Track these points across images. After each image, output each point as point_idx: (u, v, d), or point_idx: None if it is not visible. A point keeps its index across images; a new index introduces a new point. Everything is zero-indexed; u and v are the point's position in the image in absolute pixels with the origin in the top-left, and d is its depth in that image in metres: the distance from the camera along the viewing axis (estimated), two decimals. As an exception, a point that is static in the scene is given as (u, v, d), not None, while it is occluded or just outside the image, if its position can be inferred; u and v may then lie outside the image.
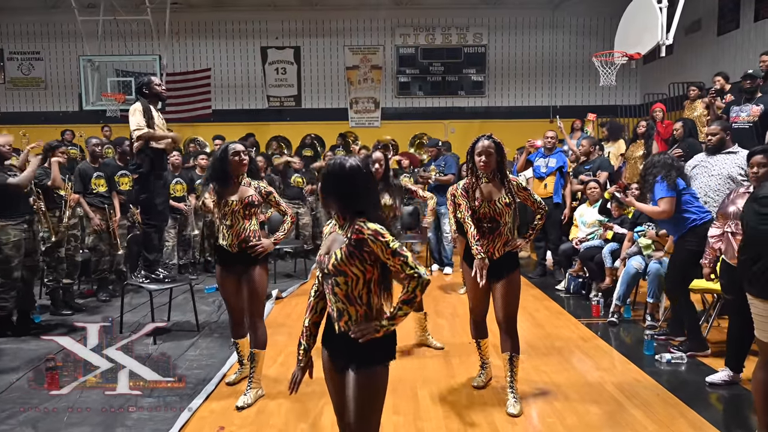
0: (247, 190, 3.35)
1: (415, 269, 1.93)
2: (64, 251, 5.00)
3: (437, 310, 5.38)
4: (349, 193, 2.01)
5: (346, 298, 2.01)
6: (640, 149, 6.58)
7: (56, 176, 4.76)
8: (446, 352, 4.22)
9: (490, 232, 3.25)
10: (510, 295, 3.26)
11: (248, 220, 3.35)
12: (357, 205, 2.01)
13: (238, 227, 3.32)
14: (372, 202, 2.05)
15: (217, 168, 3.33)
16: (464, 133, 11.00)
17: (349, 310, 2.01)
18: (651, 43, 6.11)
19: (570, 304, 5.57)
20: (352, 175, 2.01)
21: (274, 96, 11.98)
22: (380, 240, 1.93)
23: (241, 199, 3.30)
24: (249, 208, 3.33)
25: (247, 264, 3.33)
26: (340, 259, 1.97)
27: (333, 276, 2.00)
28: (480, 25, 11.74)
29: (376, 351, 2.00)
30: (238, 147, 3.32)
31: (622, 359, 4.02)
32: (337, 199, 2.03)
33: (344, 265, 1.97)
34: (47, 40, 11.77)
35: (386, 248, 1.93)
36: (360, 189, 2.02)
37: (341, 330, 2.03)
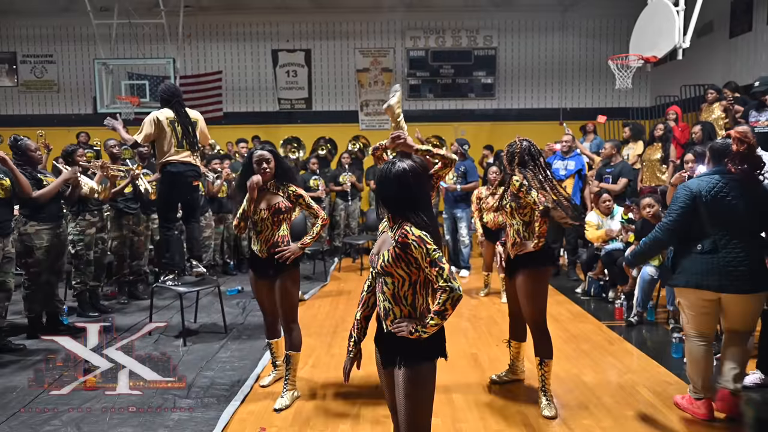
0: (275, 197, 3.33)
1: (448, 282, 1.97)
2: (92, 254, 5.05)
3: (459, 312, 5.42)
4: (396, 197, 2.08)
5: (392, 298, 2.09)
6: (657, 152, 6.62)
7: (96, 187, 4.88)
8: (474, 354, 4.26)
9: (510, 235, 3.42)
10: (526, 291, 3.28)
11: (277, 226, 3.34)
12: (404, 208, 2.07)
13: (267, 234, 3.33)
14: (420, 207, 2.08)
15: (244, 175, 3.33)
16: (474, 135, 10.99)
17: (394, 309, 2.09)
18: (667, 47, 6.15)
19: (591, 306, 5.60)
20: (399, 179, 2.08)
21: (285, 99, 12.00)
22: (422, 247, 1.99)
23: (269, 206, 3.30)
24: (277, 215, 3.32)
25: (278, 269, 3.33)
26: (387, 260, 2.05)
27: (382, 276, 2.09)
28: (490, 28, 11.75)
29: (422, 347, 2.05)
30: (263, 155, 3.29)
31: (650, 362, 4.05)
32: (386, 201, 2.12)
33: (391, 267, 2.04)
34: (60, 43, 11.80)
35: (426, 256, 1.99)
36: (407, 193, 2.07)
37: (388, 328, 2.10)
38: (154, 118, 4.53)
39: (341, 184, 8.36)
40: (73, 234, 4.95)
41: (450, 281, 1.97)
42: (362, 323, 2.29)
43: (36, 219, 4.37)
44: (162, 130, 4.55)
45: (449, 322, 1.94)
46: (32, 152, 4.44)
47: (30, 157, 4.45)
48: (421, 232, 2.01)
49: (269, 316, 3.54)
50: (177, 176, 4.60)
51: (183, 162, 4.64)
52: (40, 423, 3.11)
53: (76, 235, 4.97)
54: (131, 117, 9.97)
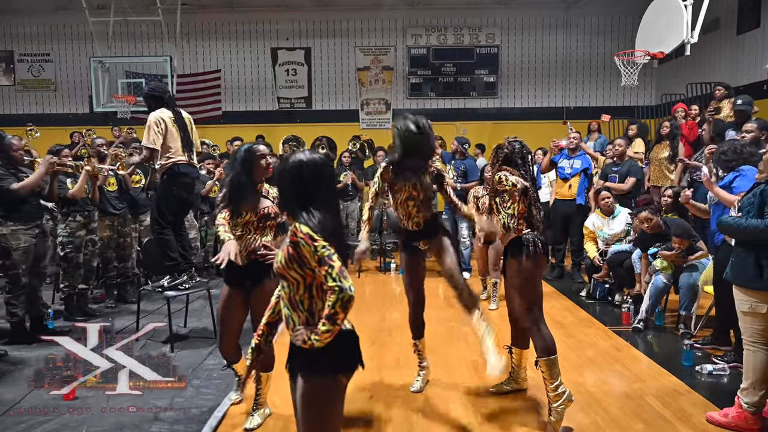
0: (264, 200, 3.01)
1: (338, 282, 1.77)
2: (81, 256, 4.89)
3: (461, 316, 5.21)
4: (287, 192, 1.94)
5: (290, 303, 1.91)
6: (665, 150, 6.43)
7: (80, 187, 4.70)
8: (475, 361, 4.07)
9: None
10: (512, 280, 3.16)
11: (261, 232, 3.00)
12: (295, 204, 1.90)
13: (248, 239, 2.97)
14: (311, 201, 1.89)
15: (242, 173, 2.93)
16: (476, 134, 10.85)
17: (293, 315, 1.91)
18: (675, 42, 5.96)
19: (597, 311, 5.41)
20: (292, 172, 1.92)
21: (285, 97, 11.86)
22: (310, 244, 1.81)
23: (257, 212, 2.96)
24: (264, 221, 2.98)
25: (257, 278, 2.97)
26: (281, 261, 1.87)
27: (280, 279, 1.92)
28: (492, 26, 11.59)
29: (320, 359, 1.85)
30: (261, 148, 3.00)
31: (660, 370, 3.87)
32: (281, 197, 1.99)
33: (284, 269, 1.86)
34: (57, 41, 11.69)
35: (314, 254, 1.80)
36: (300, 188, 1.90)
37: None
38: (158, 119, 4.30)
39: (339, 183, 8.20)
40: (62, 236, 4.80)
41: (340, 280, 1.77)
42: (264, 329, 2.13)
43: (12, 219, 4.20)
44: (168, 131, 4.33)
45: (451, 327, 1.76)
46: (14, 151, 4.28)
47: (12, 157, 4.28)
48: (309, 229, 1.82)
49: (229, 335, 3.08)
50: (185, 178, 4.40)
51: (190, 164, 4.45)
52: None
53: (65, 237, 4.81)
54: (128, 116, 9.86)
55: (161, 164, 4.35)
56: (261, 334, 2.13)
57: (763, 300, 2.90)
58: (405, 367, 3.92)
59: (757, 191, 2.96)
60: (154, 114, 4.28)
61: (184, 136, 4.36)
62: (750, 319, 2.97)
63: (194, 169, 4.46)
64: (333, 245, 1.83)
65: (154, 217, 4.38)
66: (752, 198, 2.97)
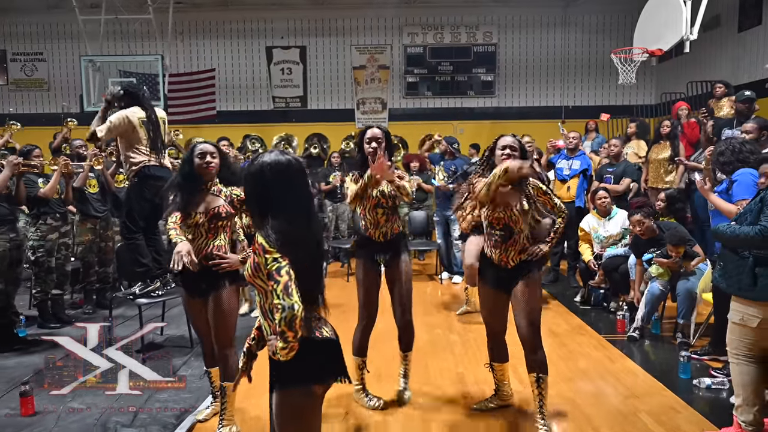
0: (216, 199, 2.89)
1: (281, 300, 1.67)
2: (54, 260, 4.75)
3: (448, 325, 5.09)
4: (251, 198, 1.85)
5: (261, 312, 1.84)
6: (665, 150, 6.24)
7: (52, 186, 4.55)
8: (460, 373, 3.91)
9: (503, 240, 2.94)
10: (530, 299, 2.91)
11: (213, 234, 2.89)
12: (258, 210, 1.81)
13: (200, 242, 2.87)
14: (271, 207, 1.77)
15: (184, 172, 2.87)
16: (474, 134, 10.68)
17: (265, 324, 1.85)
18: (674, 39, 5.79)
19: (591, 317, 5.23)
20: (254, 176, 1.82)
21: (280, 97, 11.73)
22: (262, 256, 1.72)
23: (207, 211, 2.85)
24: (215, 221, 2.86)
25: (213, 284, 2.85)
26: (248, 269, 1.81)
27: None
28: (490, 24, 11.42)
29: (291, 370, 1.76)
30: (206, 147, 2.89)
31: (655, 384, 3.68)
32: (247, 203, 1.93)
33: (251, 278, 1.80)
34: (50, 40, 11.58)
35: (265, 266, 1.72)
36: (263, 192, 1.80)
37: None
38: (124, 117, 4.14)
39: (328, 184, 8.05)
40: (32, 239, 4.66)
41: (283, 298, 1.67)
42: (257, 334, 2.03)
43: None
44: (134, 131, 4.17)
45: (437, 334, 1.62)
46: None
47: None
48: (264, 239, 1.73)
49: (207, 339, 3.03)
50: (156, 181, 4.21)
51: (161, 165, 4.29)
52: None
53: (36, 240, 4.67)
54: (118, 116, 9.72)
55: (133, 167, 4.19)
56: (253, 339, 2.03)
57: (756, 312, 2.73)
58: (386, 380, 3.75)
59: (758, 198, 2.80)
60: (122, 111, 4.13)
61: (155, 137, 4.20)
62: (739, 330, 2.80)
63: (166, 171, 4.30)
64: (292, 256, 1.71)
65: (123, 221, 4.22)
66: (753, 205, 2.81)
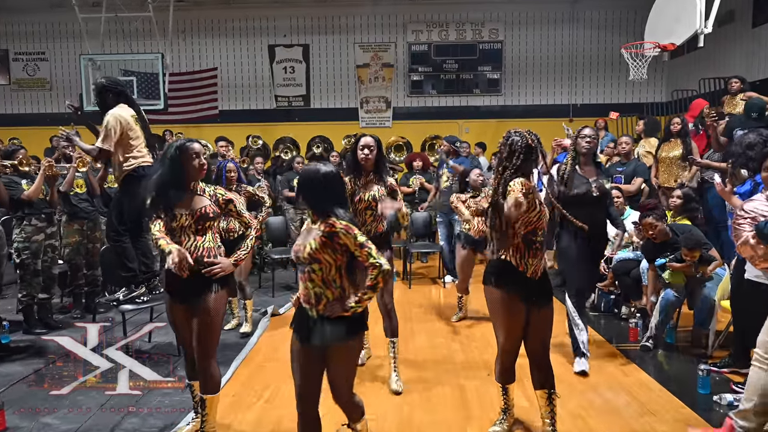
0: (201, 199, 2.75)
1: (377, 260, 2.28)
2: (40, 263, 4.60)
3: (451, 330, 4.88)
4: (320, 196, 2.36)
5: (323, 283, 2.33)
6: (676, 149, 6.00)
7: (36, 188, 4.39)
8: (461, 385, 3.70)
9: (541, 248, 2.76)
10: (549, 323, 2.81)
11: (201, 235, 2.73)
12: (327, 205, 2.34)
13: (188, 245, 2.69)
14: (340, 203, 2.38)
15: (171, 173, 2.67)
16: (479, 133, 10.51)
17: (326, 293, 2.33)
18: (687, 33, 5.53)
19: (601, 325, 4.96)
20: (323, 180, 2.37)
21: (282, 96, 11.58)
22: (350, 233, 2.28)
23: (193, 212, 2.70)
24: (202, 222, 2.72)
25: (200, 290, 2.70)
26: (314, 248, 2.29)
27: (309, 264, 2.32)
28: (496, 20, 11.21)
29: (351, 324, 2.33)
30: (196, 146, 2.72)
31: (671, 400, 3.42)
32: (311, 200, 2.38)
33: (318, 253, 2.29)
34: (52, 40, 11.52)
35: (355, 240, 2.29)
36: (330, 192, 2.37)
37: (319, 314, 2.32)
38: (119, 118, 3.94)
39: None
40: (17, 241, 4.50)
41: (378, 258, 2.29)
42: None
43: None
44: (131, 130, 3.99)
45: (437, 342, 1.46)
46: None
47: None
48: (346, 221, 2.31)
49: (191, 349, 2.81)
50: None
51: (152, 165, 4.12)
52: None
53: (20, 242, 4.51)
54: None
55: (123, 166, 4.01)
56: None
57: None
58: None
59: None
60: (113, 112, 3.95)
61: (148, 135, 4.03)
62: None
63: None
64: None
65: (111, 223, 4.02)
66: None
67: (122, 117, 3.97)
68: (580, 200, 3.70)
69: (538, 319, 2.75)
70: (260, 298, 5.86)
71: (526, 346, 2.82)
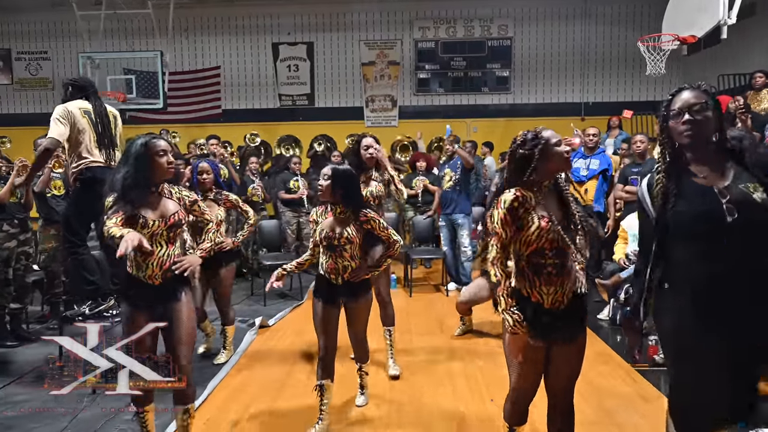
0: (169, 204, 2.56)
1: (396, 237, 3.05)
2: (11, 272, 4.36)
3: (452, 346, 4.50)
4: (354, 192, 3.03)
5: (351, 258, 3.00)
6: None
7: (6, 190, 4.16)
8: (461, 413, 3.30)
9: (559, 272, 2.17)
10: (578, 360, 2.29)
11: (173, 243, 2.55)
12: (359, 199, 3.07)
13: (160, 254, 2.50)
14: (361, 196, 3.16)
15: (136, 171, 2.44)
16: (488, 132, 10.22)
17: (352, 264, 3.02)
18: (709, 24, 5.17)
19: (618, 340, 4.54)
20: (356, 180, 3.07)
21: (286, 95, 11.37)
22: (377, 220, 3.00)
23: (165, 218, 2.51)
24: (174, 230, 2.53)
25: (170, 297, 2.54)
26: (353, 233, 2.97)
27: (344, 245, 2.97)
28: (505, 17, 10.89)
29: (365, 287, 3.12)
30: (161, 144, 2.49)
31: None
32: (348, 196, 2.96)
33: (355, 237, 2.97)
34: (54, 39, 11.42)
35: (379, 225, 3.00)
36: (358, 189, 3.12)
37: (344, 280, 3.01)
38: (65, 111, 3.66)
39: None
40: (-6, 249, 4.28)
41: (396, 236, 3.06)
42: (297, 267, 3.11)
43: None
44: (76, 123, 3.70)
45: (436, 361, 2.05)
46: None
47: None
48: (373, 212, 3.02)
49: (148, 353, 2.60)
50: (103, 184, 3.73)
51: (108, 166, 3.82)
52: None
53: (-2, 249, 4.29)
54: (116, 114, 9.43)
55: (71, 168, 3.73)
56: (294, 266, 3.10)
57: None
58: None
59: None
60: (63, 105, 3.68)
61: (103, 132, 3.74)
62: None
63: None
64: None
65: (64, 233, 3.72)
66: None
67: (68, 107, 3.69)
68: (700, 231, 1.95)
69: (561, 355, 2.26)
70: (250, 307, 5.59)
71: (545, 382, 2.33)
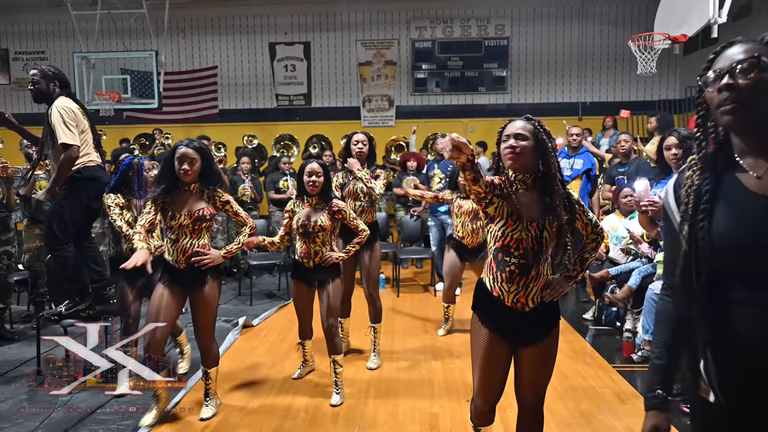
0: (198, 201, 3.05)
1: (363, 226, 3.55)
2: (-6, 271, 4.36)
3: (434, 345, 4.50)
4: (326, 185, 3.43)
5: (322, 243, 3.43)
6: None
7: None
8: (434, 414, 3.29)
9: (522, 273, 2.09)
10: (546, 365, 2.20)
11: (197, 236, 3.04)
12: (330, 191, 3.47)
13: (184, 242, 3.02)
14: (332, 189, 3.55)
15: (166, 170, 3.01)
16: (485, 132, 10.14)
17: (323, 249, 3.44)
18: (699, 23, 5.13)
19: (602, 341, 4.54)
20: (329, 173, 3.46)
21: (283, 94, 11.34)
22: (347, 210, 3.47)
23: (191, 213, 3.01)
24: (198, 223, 3.02)
25: (195, 280, 3.06)
26: (325, 222, 3.38)
27: (317, 232, 3.38)
28: (502, 16, 10.84)
29: (335, 270, 3.52)
30: (186, 152, 2.95)
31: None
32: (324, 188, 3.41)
33: (327, 224, 3.39)
34: (51, 39, 11.43)
35: (349, 215, 3.47)
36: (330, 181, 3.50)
37: (315, 264, 3.45)
38: (71, 113, 3.63)
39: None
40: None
41: (363, 225, 3.56)
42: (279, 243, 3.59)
43: None
44: (81, 125, 3.70)
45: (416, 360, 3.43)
46: None
47: None
48: (341, 202, 3.50)
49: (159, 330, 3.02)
50: (97, 184, 3.73)
51: (101, 166, 3.83)
52: None
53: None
54: (111, 113, 9.43)
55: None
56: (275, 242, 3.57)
57: None
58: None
59: None
60: (62, 105, 3.64)
61: (95, 132, 3.74)
62: None
63: (105, 173, 3.83)
64: None
65: (50, 231, 3.70)
66: None
67: (72, 108, 3.68)
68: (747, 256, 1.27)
69: (526, 359, 2.16)
70: (237, 307, 5.57)
71: (515, 388, 2.25)
